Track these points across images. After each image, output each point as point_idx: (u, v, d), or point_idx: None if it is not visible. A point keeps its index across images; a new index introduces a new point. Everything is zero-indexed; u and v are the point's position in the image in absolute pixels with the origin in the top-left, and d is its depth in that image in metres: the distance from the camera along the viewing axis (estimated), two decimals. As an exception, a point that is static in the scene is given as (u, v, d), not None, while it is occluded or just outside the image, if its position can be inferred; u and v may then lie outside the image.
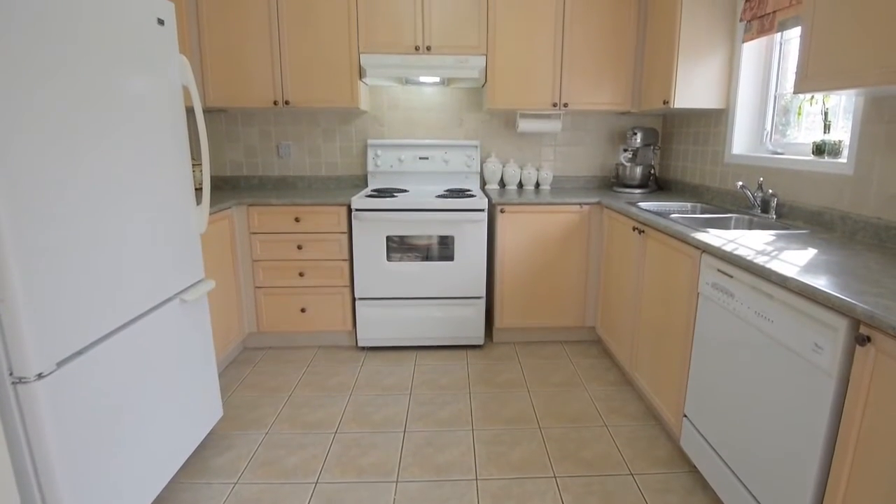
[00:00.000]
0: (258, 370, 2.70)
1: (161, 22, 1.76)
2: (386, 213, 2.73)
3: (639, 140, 3.11)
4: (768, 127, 2.52)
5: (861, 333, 1.07)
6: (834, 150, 2.00)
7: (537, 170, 3.29)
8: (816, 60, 1.62)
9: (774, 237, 1.80)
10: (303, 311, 2.87)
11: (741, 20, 2.51)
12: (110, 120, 1.48)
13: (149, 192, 1.67)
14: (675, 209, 2.64)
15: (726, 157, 2.64)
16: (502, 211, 2.80)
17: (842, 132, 2.05)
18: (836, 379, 1.15)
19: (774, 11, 2.26)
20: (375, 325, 2.87)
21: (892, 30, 1.34)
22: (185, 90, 2.52)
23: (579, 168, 3.43)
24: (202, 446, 2.05)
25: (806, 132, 2.30)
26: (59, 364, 1.30)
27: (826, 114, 2.11)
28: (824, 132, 2.11)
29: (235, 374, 2.66)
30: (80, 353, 1.38)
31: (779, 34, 2.41)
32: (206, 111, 3.15)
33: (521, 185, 3.34)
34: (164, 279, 1.76)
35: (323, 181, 3.35)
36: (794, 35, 2.34)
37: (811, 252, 1.57)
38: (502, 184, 3.35)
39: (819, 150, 2.06)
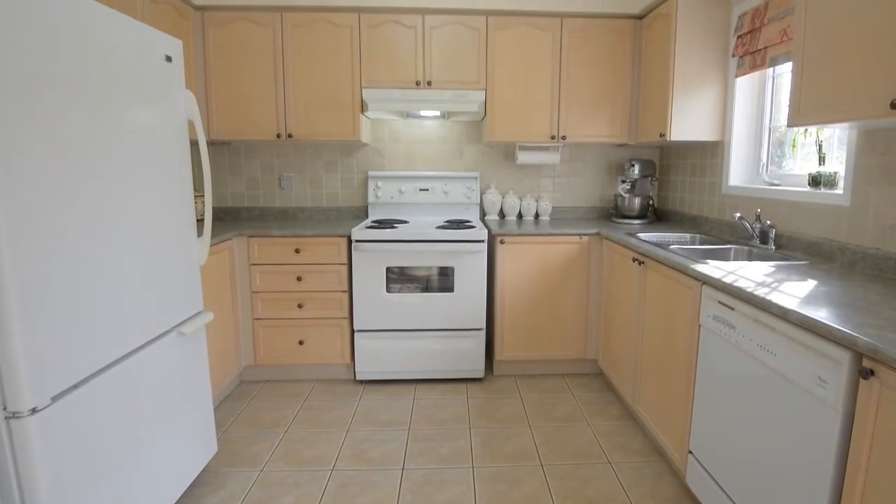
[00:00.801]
0: (254, 404, 2.65)
1: (169, 59, 1.81)
2: (386, 244, 2.73)
3: (636, 171, 3.14)
4: (764, 158, 2.55)
5: (864, 367, 1.06)
6: (830, 181, 2.02)
7: (536, 200, 3.32)
8: (808, 95, 1.65)
9: (774, 268, 1.79)
10: (301, 343, 2.85)
11: (733, 56, 2.57)
12: (115, 152, 1.51)
13: (151, 223, 1.68)
14: (675, 240, 2.64)
15: (723, 189, 2.66)
16: (502, 242, 2.81)
17: (837, 163, 2.07)
18: (842, 413, 1.13)
19: (766, 47, 2.31)
20: (374, 358, 2.84)
21: (880, 65, 1.38)
22: (190, 124, 2.57)
23: (578, 199, 3.46)
24: (196, 484, 2.00)
25: (801, 163, 2.32)
26: (54, 398, 1.29)
27: (820, 146, 2.14)
28: (819, 164, 2.14)
29: (231, 408, 2.62)
30: (75, 387, 1.36)
31: (771, 69, 2.47)
32: (210, 143, 3.21)
33: (520, 215, 3.36)
34: (163, 311, 1.75)
35: (324, 212, 3.37)
36: (785, 69, 2.40)
37: (811, 283, 1.56)
38: (502, 214, 3.37)
39: (815, 181, 2.08)
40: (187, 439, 1.89)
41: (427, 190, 3.28)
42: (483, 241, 2.76)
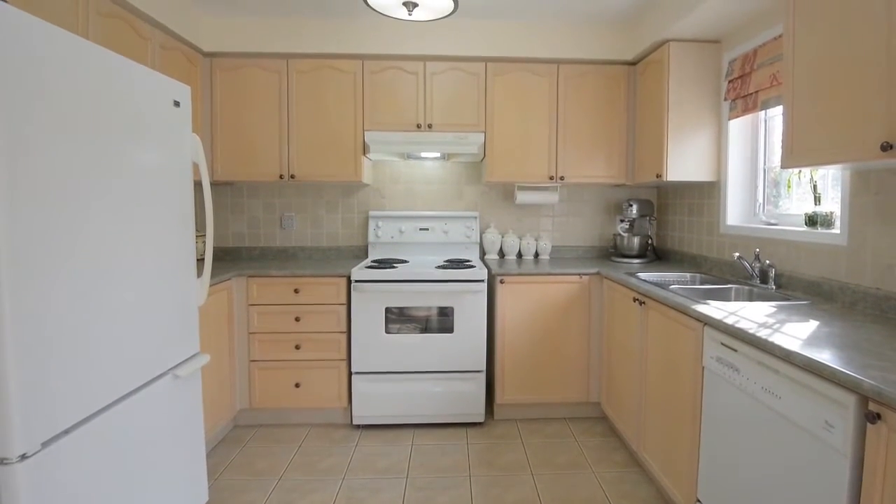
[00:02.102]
0: (248, 450, 2.58)
1: (177, 104, 1.86)
2: (386, 284, 2.73)
3: (635, 211, 3.17)
4: (760, 198, 2.58)
5: (871, 411, 1.03)
6: (826, 221, 2.03)
7: (536, 240, 3.34)
8: (799, 138, 1.68)
9: (776, 308, 1.78)
10: (297, 386, 2.80)
11: (725, 99, 2.64)
12: (120, 192, 1.53)
13: (151, 264, 1.69)
14: (675, 279, 2.64)
15: (721, 228, 2.67)
16: (502, 281, 2.80)
17: (832, 203, 2.08)
18: (851, 459, 1.09)
19: (756, 91, 2.38)
20: (372, 402, 2.78)
21: (869, 108, 1.41)
22: (195, 165, 2.61)
23: (577, 238, 3.47)
24: (184, 534, 1.92)
25: (798, 203, 2.34)
26: (44, 444, 1.25)
27: (815, 186, 2.16)
28: (815, 203, 2.15)
29: (224, 454, 2.54)
30: (66, 432, 1.33)
31: (763, 111, 2.53)
32: (214, 184, 3.26)
33: (520, 254, 3.37)
34: (159, 353, 1.73)
35: (323, 252, 3.39)
36: (777, 112, 2.45)
37: (813, 324, 1.55)
38: (501, 254, 3.38)
39: (812, 221, 2.09)
40: (178, 487, 1.83)
41: (427, 230, 3.30)
42: (483, 280, 2.75)
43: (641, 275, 2.60)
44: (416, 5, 2.02)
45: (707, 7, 2.27)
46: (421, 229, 3.30)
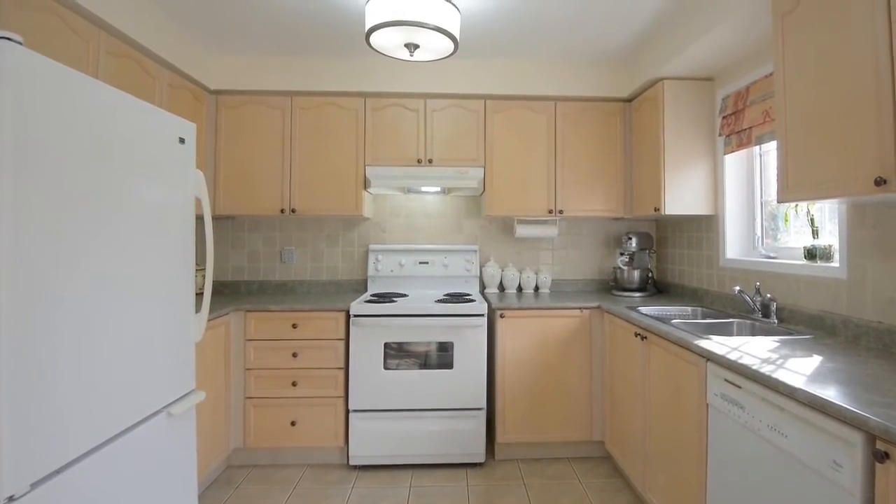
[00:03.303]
0: (241, 492, 2.51)
1: (182, 140, 1.90)
2: (385, 318, 2.71)
3: (634, 244, 3.18)
4: (758, 232, 2.59)
5: (878, 449, 1.00)
6: (825, 254, 2.03)
7: (536, 273, 3.33)
8: (794, 173, 1.70)
9: (778, 343, 1.76)
10: (293, 424, 2.74)
11: (720, 135, 2.69)
12: (120, 228, 1.53)
13: (150, 300, 1.68)
14: (676, 314, 2.62)
15: (721, 261, 2.67)
16: (502, 316, 2.78)
17: (830, 236, 2.09)
18: (861, 500, 1.06)
19: (750, 127, 2.42)
20: (369, 441, 2.71)
21: (862, 143, 1.43)
22: (198, 200, 2.64)
23: (577, 271, 3.47)
24: (173, 581, 1.84)
25: (796, 236, 2.35)
26: (33, 485, 1.22)
27: (812, 220, 2.17)
28: (813, 237, 2.16)
29: (217, 495, 2.47)
30: (56, 472, 1.30)
31: (757, 146, 2.57)
32: (215, 218, 3.28)
33: (520, 288, 3.36)
34: (154, 391, 1.70)
35: (323, 286, 3.38)
36: (772, 147, 2.49)
37: (817, 359, 1.52)
38: (501, 287, 3.37)
39: (811, 254, 2.09)
40: None
41: (427, 263, 3.30)
42: (483, 314, 2.74)
43: (642, 309, 2.58)
44: (417, 46, 2.08)
45: (697, 47, 2.34)
46: (421, 263, 3.30)
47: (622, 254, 3.28)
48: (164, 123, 1.77)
